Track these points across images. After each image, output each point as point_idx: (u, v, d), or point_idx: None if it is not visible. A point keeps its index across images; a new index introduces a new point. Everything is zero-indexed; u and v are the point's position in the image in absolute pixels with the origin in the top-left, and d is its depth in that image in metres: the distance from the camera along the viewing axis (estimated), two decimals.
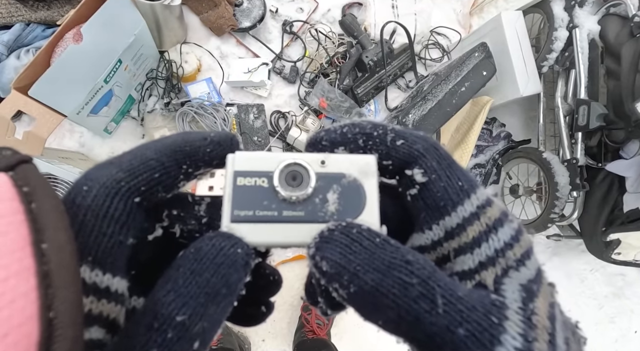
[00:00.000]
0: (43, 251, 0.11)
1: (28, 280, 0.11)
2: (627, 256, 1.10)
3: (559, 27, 1.14)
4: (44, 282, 0.11)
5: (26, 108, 0.82)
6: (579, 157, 1.14)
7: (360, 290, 0.13)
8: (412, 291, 0.13)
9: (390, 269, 0.13)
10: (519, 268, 0.14)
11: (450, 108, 1.08)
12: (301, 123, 1.21)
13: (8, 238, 0.11)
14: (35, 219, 0.12)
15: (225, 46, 1.22)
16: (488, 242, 0.14)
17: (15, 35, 1.00)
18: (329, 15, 1.29)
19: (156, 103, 1.13)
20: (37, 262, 0.11)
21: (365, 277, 0.13)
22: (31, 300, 0.10)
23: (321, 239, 0.14)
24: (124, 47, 0.92)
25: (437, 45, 1.34)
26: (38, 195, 0.12)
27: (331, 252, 0.13)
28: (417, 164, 0.15)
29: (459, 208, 0.15)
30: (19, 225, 0.11)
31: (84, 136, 1.12)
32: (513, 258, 0.14)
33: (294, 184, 0.16)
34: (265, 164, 0.16)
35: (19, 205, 0.12)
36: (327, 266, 0.13)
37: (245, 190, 0.16)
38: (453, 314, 0.12)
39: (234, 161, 0.16)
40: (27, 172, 0.13)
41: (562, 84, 1.21)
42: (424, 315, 0.12)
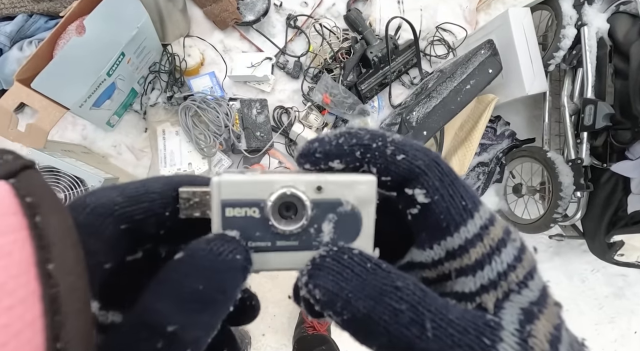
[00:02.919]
0: (49, 272, 0.10)
1: (34, 306, 0.10)
2: (630, 257, 1.09)
3: (567, 24, 1.12)
4: (51, 308, 0.10)
5: (29, 101, 0.82)
6: (583, 157, 1.13)
7: (354, 317, 0.13)
8: (403, 317, 0.12)
9: (382, 295, 0.13)
10: (521, 291, 0.14)
11: (454, 106, 1.07)
12: (304, 119, 1.20)
13: (12, 259, 0.10)
14: (41, 235, 0.11)
15: (229, 40, 1.21)
16: (491, 264, 0.14)
17: (18, 27, 1.00)
18: (333, 9, 1.27)
19: (159, 97, 1.12)
20: (43, 284, 0.10)
21: (358, 304, 0.13)
22: (37, 329, 0.10)
23: (313, 266, 0.14)
24: (127, 40, 0.91)
25: (442, 42, 1.33)
26: (43, 206, 0.11)
27: (323, 280, 0.13)
28: (418, 183, 0.15)
29: (462, 229, 0.14)
30: (22, 243, 0.10)
31: (86, 129, 1.12)
32: (515, 280, 0.14)
33: (288, 215, 0.15)
34: (256, 191, 0.15)
35: (23, 219, 0.11)
36: (320, 295, 0.13)
37: (235, 221, 0.15)
38: (444, 338, 0.12)
39: (220, 188, 0.15)
40: (30, 179, 0.12)
41: (568, 83, 1.20)
42: (415, 340, 0.12)
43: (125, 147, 1.14)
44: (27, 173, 0.12)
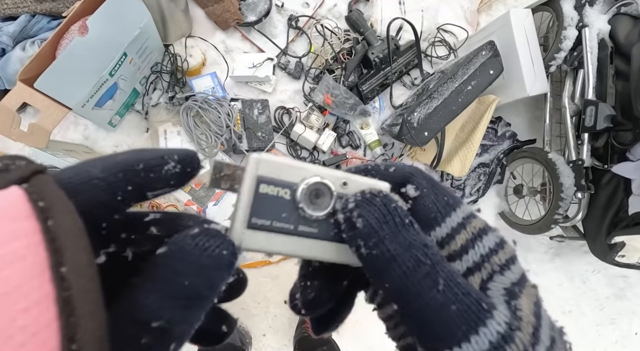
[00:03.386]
0: (63, 275, 0.10)
1: (48, 309, 0.10)
2: (631, 258, 1.09)
3: (569, 26, 1.12)
4: (65, 310, 0.10)
5: (31, 101, 0.82)
6: (584, 158, 1.13)
7: (381, 255, 0.14)
8: (423, 269, 0.14)
9: (410, 247, 0.15)
10: (504, 272, 0.16)
11: (456, 107, 1.08)
12: (305, 120, 1.20)
13: (27, 263, 0.10)
14: (53, 239, 0.11)
15: (230, 40, 1.21)
16: (474, 248, 0.16)
17: (21, 27, 1.00)
18: (335, 10, 1.27)
19: (160, 97, 1.13)
20: (57, 287, 0.10)
21: (390, 246, 0.14)
22: (52, 331, 0.10)
23: (363, 198, 0.15)
24: (130, 40, 0.91)
25: (443, 43, 1.33)
26: (55, 210, 0.11)
27: (369, 213, 0.15)
28: (409, 182, 0.17)
29: (447, 219, 0.17)
30: (36, 247, 0.10)
31: (88, 129, 1.12)
32: (498, 263, 0.16)
33: (316, 202, 0.16)
34: (290, 175, 0.16)
35: (36, 224, 0.11)
36: (360, 224, 0.15)
37: (266, 199, 0.16)
38: (449, 294, 0.14)
39: (259, 164, 0.16)
40: (42, 184, 0.12)
41: (569, 84, 1.20)
42: (426, 290, 0.14)
43: (127, 147, 1.15)
44: (38, 178, 0.12)
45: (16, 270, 0.10)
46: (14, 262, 0.10)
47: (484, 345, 0.13)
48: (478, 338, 0.13)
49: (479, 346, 0.13)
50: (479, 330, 0.14)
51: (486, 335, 0.13)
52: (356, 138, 1.28)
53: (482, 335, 0.13)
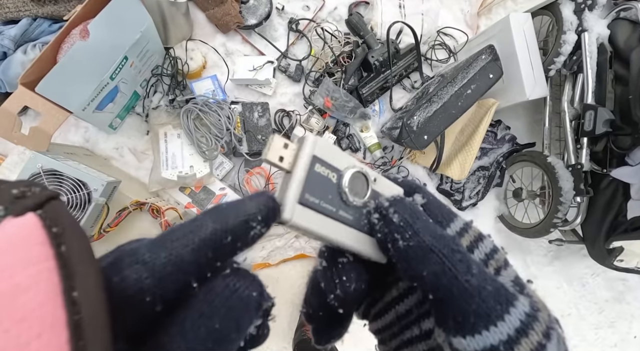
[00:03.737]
0: (74, 300, 0.11)
1: (60, 334, 0.10)
2: (630, 263, 1.10)
3: (568, 30, 1.12)
4: (75, 334, 0.10)
5: (32, 104, 0.82)
6: (583, 162, 1.13)
7: (418, 245, 0.16)
8: (457, 255, 0.16)
9: (443, 238, 0.16)
10: (507, 268, 0.18)
11: (455, 110, 1.08)
12: (305, 123, 1.20)
13: (40, 289, 0.10)
14: (65, 264, 0.11)
15: (231, 43, 1.22)
16: (479, 248, 0.18)
17: (22, 30, 1.00)
18: (335, 13, 1.28)
19: (161, 100, 1.13)
20: (69, 311, 0.11)
21: (424, 237, 0.16)
22: None
23: (395, 199, 0.18)
24: (131, 44, 0.92)
25: (443, 46, 1.33)
26: (67, 236, 0.12)
27: (403, 210, 0.17)
28: (417, 192, 0.20)
29: (452, 224, 0.19)
30: (49, 272, 0.11)
31: (89, 131, 1.12)
32: (501, 259, 0.18)
33: (355, 190, 0.18)
34: (339, 161, 0.18)
35: (49, 250, 0.11)
36: (397, 219, 0.17)
37: (319, 178, 0.17)
38: (480, 278, 0.16)
39: (316, 145, 0.17)
40: (56, 210, 0.12)
41: (569, 88, 1.20)
42: (461, 273, 0.15)
43: (127, 149, 1.15)
44: (52, 204, 0.13)
45: (31, 296, 0.10)
46: (30, 288, 0.10)
47: (516, 322, 0.15)
48: (511, 317, 0.15)
49: (512, 324, 0.15)
50: (510, 309, 0.15)
51: (515, 314, 0.15)
52: (356, 141, 1.28)
53: (513, 314, 0.15)
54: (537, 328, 0.15)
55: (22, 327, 0.10)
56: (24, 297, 0.10)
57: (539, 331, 0.15)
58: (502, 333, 0.15)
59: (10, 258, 0.10)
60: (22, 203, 0.12)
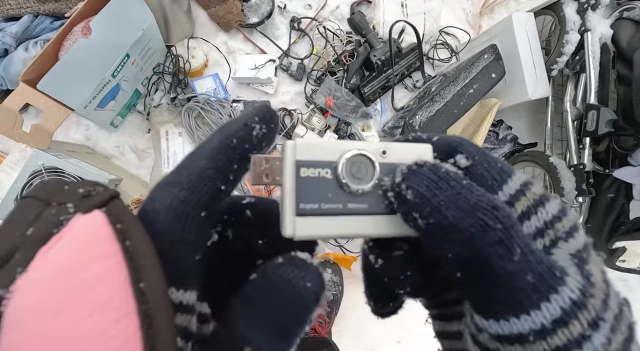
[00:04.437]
0: (142, 290, 0.12)
1: (133, 320, 0.11)
2: (632, 264, 1.09)
3: (571, 30, 1.12)
4: (145, 322, 0.11)
5: (34, 101, 0.82)
6: (586, 163, 1.13)
7: (438, 224, 0.14)
8: (493, 235, 0.13)
9: (475, 210, 0.13)
10: (568, 239, 0.15)
11: (457, 110, 1.08)
12: (307, 121, 1.20)
13: (115, 280, 0.11)
14: (132, 258, 0.12)
15: (233, 42, 1.21)
16: (537, 214, 0.15)
17: (24, 27, 1.00)
18: (337, 12, 1.27)
19: (162, 98, 1.13)
20: (138, 301, 0.11)
21: (447, 213, 0.13)
22: (137, 340, 0.11)
23: (409, 171, 0.15)
24: (132, 42, 0.91)
25: (445, 46, 1.33)
26: (130, 231, 0.13)
27: (418, 182, 0.14)
28: (458, 152, 0.16)
29: (505, 187, 0.16)
30: (120, 265, 0.12)
31: (90, 129, 1.12)
32: (562, 230, 0.15)
33: (359, 175, 0.16)
34: (328, 153, 0.16)
35: (117, 244, 0.12)
36: (411, 196, 0.14)
37: (309, 182, 0.16)
38: (522, 263, 0.13)
39: (295, 149, 0.16)
40: (118, 207, 0.13)
41: (571, 88, 1.20)
42: (497, 258, 0.13)
43: (129, 147, 1.15)
44: (115, 202, 0.14)
45: (108, 286, 0.11)
46: (105, 279, 0.11)
47: (556, 311, 0.13)
48: (549, 304, 0.13)
49: (549, 313, 0.13)
50: (550, 297, 0.13)
51: (557, 301, 0.13)
52: (357, 140, 1.28)
53: (553, 302, 0.13)
54: (583, 317, 0.13)
55: (103, 313, 0.11)
56: (101, 287, 0.11)
57: (584, 321, 0.13)
58: (534, 323, 0.13)
59: (86, 251, 0.12)
60: (89, 201, 0.13)
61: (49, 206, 0.13)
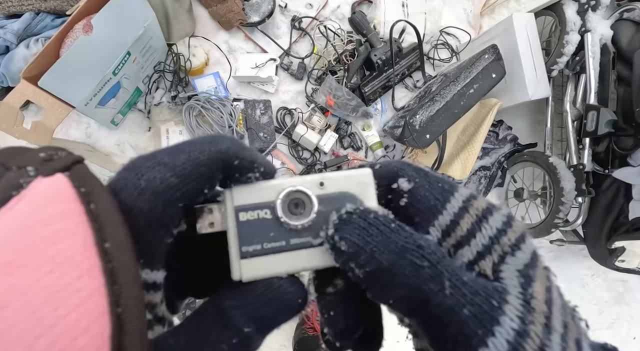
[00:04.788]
0: (106, 250, 0.12)
1: (97, 278, 0.11)
2: (631, 263, 1.10)
3: (571, 30, 1.12)
4: (110, 279, 0.12)
5: (35, 99, 0.82)
6: (585, 163, 1.13)
7: (376, 270, 0.14)
8: (423, 273, 0.13)
9: (404, 252, 0.14)
10: (515, 253, 0.15)
11: (458, 109, 1.08)
12: (307, 121, 1.20)
13: (78, 238, 0.12)
14: (96, 219, 0.12)
15: (234, 40, 1.22)
16: (481, 231, 0.15)
17: (25, 24, 1.00)
18: (338, 12, 1.28)
19: (163, 96, 1.13)
20: (103, 260, 0.12)
21: (381, 258, 0.14)
22: (102, 296, 0.11)
23: (340, 221, 0.15)
24: (133, 39, 0.91)
25: (446, 46, 1.33)
26: (95, 195, 0.13)
27: (350, 233, 0.14)
28: (400, 176, 0.16)
29: (448, 205, 0.16)
30: (83, 225, 0.12)
31: (90, 127, 1.12)
32: (508, 243, 0.15)
33: (297, 211, 0.16)
34: (265, 194, 0.16)
35: (80, 206, 0.12)
36: (345, 247, 0.14)
37: (250, 225, 0.16)
38: (458, 297, 0.13)
39: (232, 196, 0.16)
40: (82, 172, 0.13)
41: (571, 89, 1.20)
42: (432, 295, 0.13)
43: (129, 145, 1.15)
44: (78, 167, 0.14)
45: (69, 244, 0.11)
46: (67, 237, 0.11)
47: (502, 346, 0.13)
48: (495, 340, 0.13)
49: (497, 349, 0.13)
50: (494, 330, 0.13)
51: (502, 334, 0.13)
52: (358, 139, 1.28)
53: (498, 336, 0.13)
54: (529, 346, 0.13)
55: (64, 269, 0.11)
56: (63, 244, 0.11)
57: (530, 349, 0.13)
58: None
59: (46, 211, 0.12)
60: (51, 165, 0.13)
61: (8, 170, 0.13)
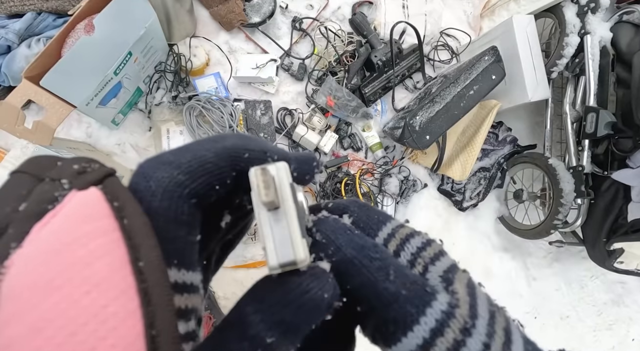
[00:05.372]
0: (141, 269, 0.12)
1: (132, 299, 0.11)
2: (630, 265, 1.10)
3: (571, 32, 1.13)
4: (144, 300, 0.11)
5: (36, 98, 0.82)
6: (585, 165, 1.13)
7: (341, 260, 0.16)
8: (375, 263, 0.16)
9: (363, 248, 0.17)
10: (435, 263, 0.18)
11: (457, 111, 1.08)
12: (307, 121, 1.21)
13: (113, 257, 0.11)
14: (130, 236, 0.12)
15: (234, 41, 1.22)
16: (405, 249, 0.18)
17: (27, 24, 1.00)
18: (339, 13, 1.28)
19: (164, 97, 1.13)
20: (137, 280, 0.11)
21: (346, 251, 0.16)
22: (137, 318, 0.11)
23: (319, 219, 0.18)
24: (135, 39, 0.92)
25: (446, 47, 1.34)
26: (128, 211, 0.12)
27: (325, 227, 0.17)
28: (345, 212, 0.20)
29: (380, 233, 0.19)
30: (118, 243, 0.12)
31: (91, 127, 1.12)
32: (428, 256, 0.18)
33: None
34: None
35: (114, 222, 0.12)
36: (319, 237, 0.17)
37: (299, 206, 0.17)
38: (399, 283, 0.16)
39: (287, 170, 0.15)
40: (115, 185, 0.13)
41: (571, 90, 1.20)
42: (380, 281, 0.16)
43: (130, 145, 1.15)
44: (111, 180, 0.13)
45: (105, 263, 0.11)
46: (103, 256, 0.11)
47: (431, 323, 0.15)
48: (426, 318, 0.15)
49: (427, 325, 0.15)
50: (426, 311, 0.15)
51: (432, 314, 0.15)
52: (358, 140, 1.28)
53: (429, 315, 0.15)
54: (454, 325, 0.15)
55: (100, 290, 0.10)
56: (99, 264, 0.11)
57: (455, 328, 0.15)
58: (417, 337, 0.15)
59: (82, 228, 0.11)
60: (84, 178, 0.13)
61: (41, 181, 0.12)
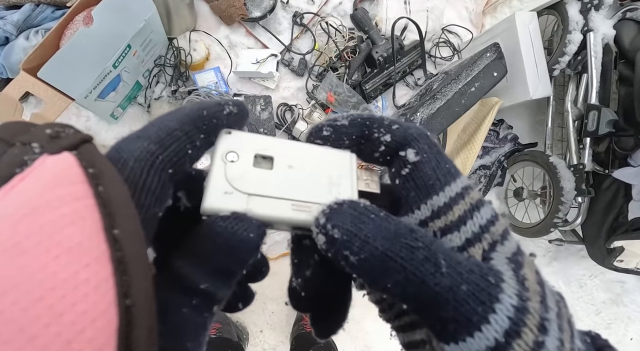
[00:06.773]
0: (116, 237, 0.11)
1: (105, 266, 0.11)
2: (630, 264, 1.10)
3: (573, 30, 1.12)
4: (119, 269, 0.11)
5: (34, 90, 0.82)
6: (586, 163, 1.13)
7: (371, 256, 0.14)
8: (418, 255, 0.13)
9: (397, 236, 0.14)
10: (504, 242, 0.15)
11: (458, 108, 1.08)
12: (308, 117, 1.20)
13: (86, 223, 0.11)
14: (105, 204, 0.11)
15: (235, 35, 1.21)
16: (473, 219, 0.15)
17: (25, 16, 0.99)
18: (340, 8, 1.27)
19: (163, 91, 1.12)
20: (111, 248, 0.11)
21: (375, 243, 0.14)
22: (110, 286, 0.10)
23: (331, 210, 0.15)
24: (134, 32, 0.91)
25: (448, 44, 1.33)
26: (104, 177, 0.12)
27: (342, 220, 0.14)
28: (410, 146, 0.16)
29: (447, 188, 0.16)
30: (92, 208, 0.11)
31: (90, 120, 1.12)
32: (497, 233, 0.15)
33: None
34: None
35: (88, 188, 0.11)
36: (338, 234, 0.14)
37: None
38: (454, 275, 0.13)
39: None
40: (91, 152, 0.13)
41: (572, 88, 1.20)
42: (429, 276, 0.13)
43: None
44: (87, 146, 0.13)
45: (77, 228, 0.11)
46: (75, 221, 0.11)
47: (504, 322, 0.13)
48: (497, 316, 0.13)
49: (499, 325, 0.13)
50: (495, 307, 0.13)
51: (502, 311, 0.13)
52: None
53: (499, 313, 0.13)
54: (530, 323, 0.13)
55: (71, 256, 0.10)
56: (70, 229, 0.10)
57: (532, 326, 0.13)
58: (488, 339, 0.13)
59: (53, 192, 0.11)
60: (58, 142, 0.12)
61: (12, 146, 0.12)
